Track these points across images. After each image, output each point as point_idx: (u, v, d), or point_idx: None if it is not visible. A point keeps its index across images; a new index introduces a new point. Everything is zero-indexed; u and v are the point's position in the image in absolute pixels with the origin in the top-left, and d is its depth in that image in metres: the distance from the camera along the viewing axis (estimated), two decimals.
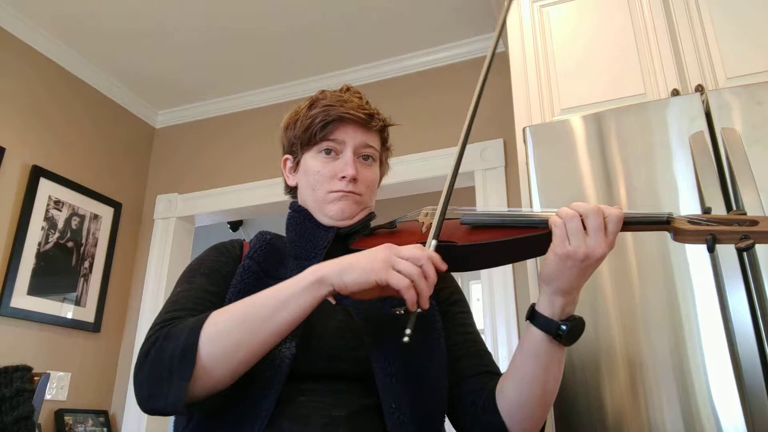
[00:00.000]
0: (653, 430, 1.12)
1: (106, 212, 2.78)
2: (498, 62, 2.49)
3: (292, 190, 1.06)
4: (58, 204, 2.53)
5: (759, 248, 1.13)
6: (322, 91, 1.02)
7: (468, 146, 2.76)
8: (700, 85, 1.51)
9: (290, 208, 1.02)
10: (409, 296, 0.71)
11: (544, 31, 1.79)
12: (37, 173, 2.45)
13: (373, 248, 0.76)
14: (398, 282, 0.71)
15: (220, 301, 0.85)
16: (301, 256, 0.94)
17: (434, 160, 2.48)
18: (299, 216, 0.98)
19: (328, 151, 0.97)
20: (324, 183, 0.96)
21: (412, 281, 0.71)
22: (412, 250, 0.74)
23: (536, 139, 1.45)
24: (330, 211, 0.95)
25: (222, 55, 2.72)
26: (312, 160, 0.98)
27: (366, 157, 0.99)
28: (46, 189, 2.49)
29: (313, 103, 1.00)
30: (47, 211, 2.48)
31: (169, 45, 2.65)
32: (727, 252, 1.15)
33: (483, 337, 1.17)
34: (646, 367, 1.16)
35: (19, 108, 2.45)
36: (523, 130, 1.50)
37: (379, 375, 0.82)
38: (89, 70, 2.79)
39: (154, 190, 3.06)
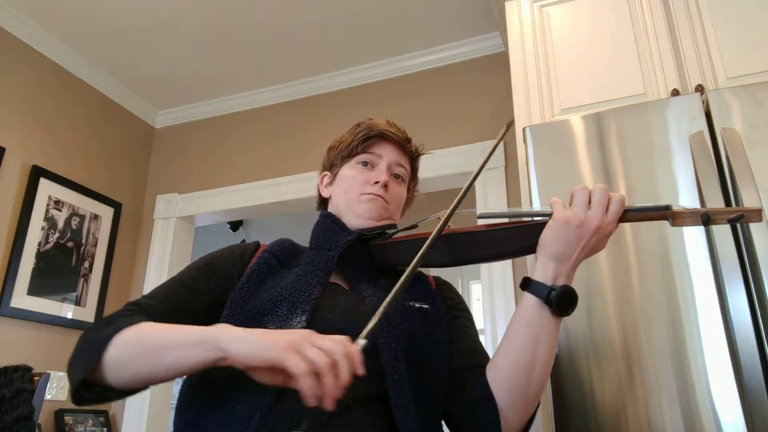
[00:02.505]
0: (653, 430, 1.12)
1: (106, 212, 2.78)
2: (498, 62, 2.50)
3: (323, 203, 1.15)
4: (58, 204, 2.53)
5: (759, 248, 1.13)
6: (369, 118, 1.14)
7: (468, 146, 2.75)
8: (700, 85, 1.51)
9: (320, 215, 1.09)
10: (307, 384, 0.61)
11: (544, 31, 1.79)
12: (37, 173, 2.45)
13: (291, 330, 0.71)
14: (295, 366, 0.62)
15: (196, 297, 0.92)
16: (320, 247, 1.01)
17: (433, 160, 2.47)
18: (327, 219, 1.06)
19: (365, 163, 1.07)
20: (358, 186, 1.05)
21: (316, 372, 0.62)
22: (332, 342, 0.65)
23: (536, 139, 1.45)
24: (359, 209, 1.03)
25: (222, 55, 2.72)
26: (349, 169, 1.08)
27: (397, 176, 1.09)
28: (46, 189, 2.49)
29: (357, 125, 1.12)
30: (47, 211, 2.48)
31: (170, 45, 2.65)
32: (727, 251, 1.15)
33: (483, 336, 1.19)
34: (646, 366, 1.16)
35: (19, 108, 2.45)
36: (523, 130, 1.50)
37: (383, 351, 0.85)
38: (89, 70, 2.79)
39: (154, 190, 3.06)
